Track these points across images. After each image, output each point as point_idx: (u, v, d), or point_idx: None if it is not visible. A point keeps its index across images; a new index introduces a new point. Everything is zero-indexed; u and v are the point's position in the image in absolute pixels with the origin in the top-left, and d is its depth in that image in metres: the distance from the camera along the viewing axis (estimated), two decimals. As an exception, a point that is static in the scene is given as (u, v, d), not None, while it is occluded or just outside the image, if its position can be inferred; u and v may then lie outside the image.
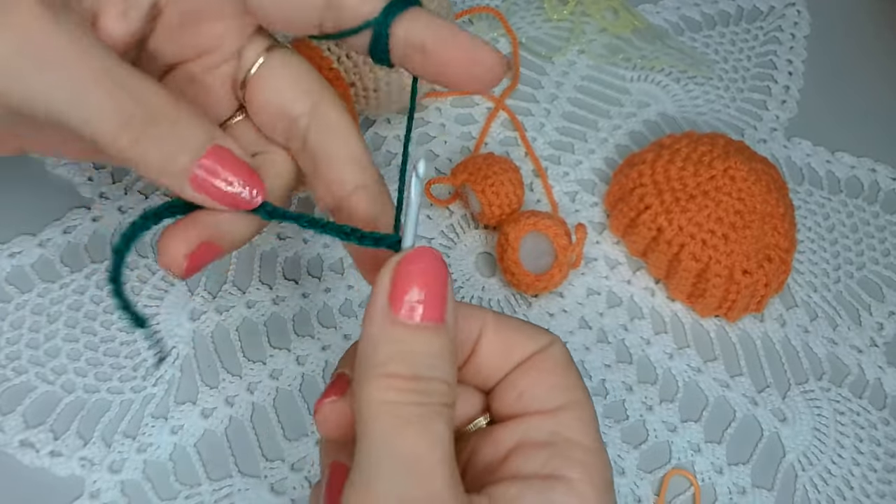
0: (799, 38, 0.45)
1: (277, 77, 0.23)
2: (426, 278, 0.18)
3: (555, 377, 0.20)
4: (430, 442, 0.17)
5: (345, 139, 0.23)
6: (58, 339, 0.31)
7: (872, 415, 0.34)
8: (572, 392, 0.20)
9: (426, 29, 0.21)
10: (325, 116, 0.23)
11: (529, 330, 0.21)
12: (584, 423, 0.19)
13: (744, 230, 0.33)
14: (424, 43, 0.21)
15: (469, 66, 0.21)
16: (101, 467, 0.29)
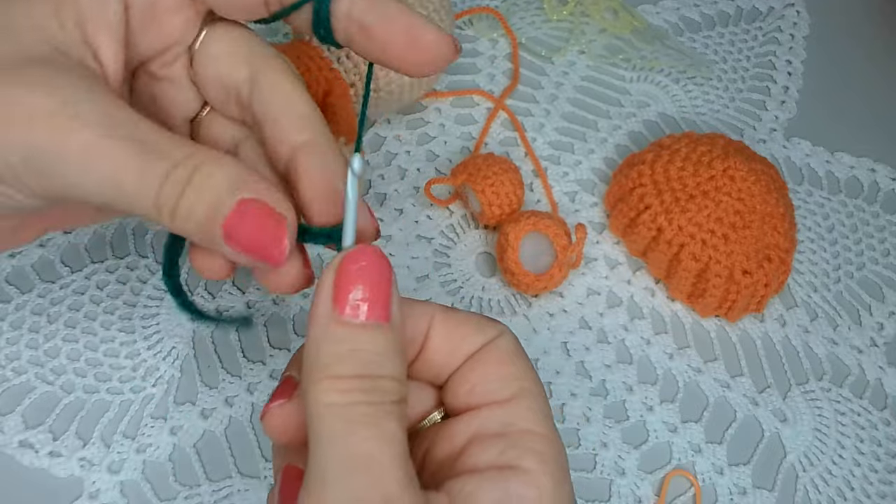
0: (798, 39, 0.45)
1: (216, 50, 0.23)
2: (369, 276, 0.18)
3: (504, 368, 0.20)
4: (382, 441, 0.17)
5: (286, 98, 0.22)
6: (57, 339, 0.31)
7: (873, 415, 0.34)
8: (522, 381, 0.20)
9: (369, 7, 0.21)
10: (266, 80, 0.22)
11: (477, 321, 0.21)
12: (535, 412, 0.19)
13: (744, 230, 0.33)
14: (364, 20, 0.21)
15: (411, 46, 0.20)
16: (101, 468, 0.28)
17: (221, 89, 0.23)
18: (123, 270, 0.33)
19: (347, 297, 0.18)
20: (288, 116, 0.22)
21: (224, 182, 0.19)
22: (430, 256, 0.35)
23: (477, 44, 0.42)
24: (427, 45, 0.21)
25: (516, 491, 0.18)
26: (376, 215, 0.35)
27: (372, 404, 0.17)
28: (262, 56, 0.23)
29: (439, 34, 0.21)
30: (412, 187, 0.37)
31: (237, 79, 0.23)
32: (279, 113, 0.22)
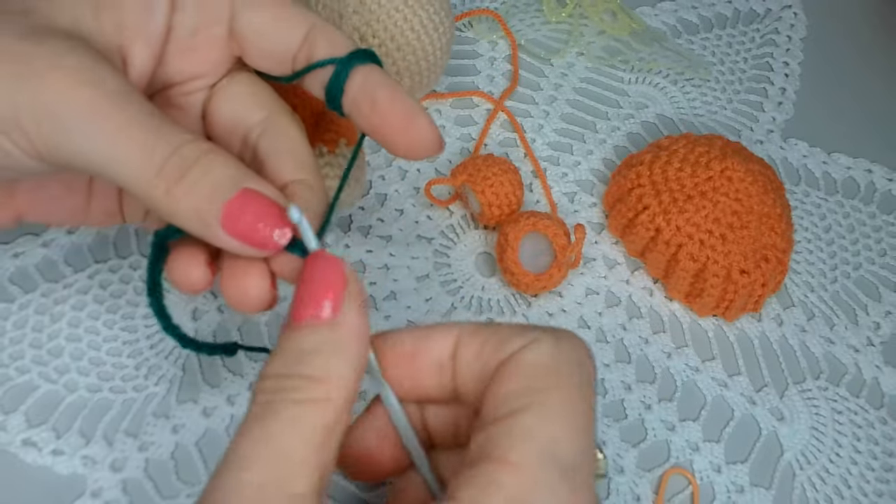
0: (795, 41, 0.46)
1: (237, 92, 0.24)
2: (309, 278, 0.19)
3: (514, 382, 0.19)
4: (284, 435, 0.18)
5: (292, 143, 0.24)
6: (61, 338, 0.31)
7: (870, 414, 0.34)
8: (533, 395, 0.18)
9: (380, 84, 0.23)
10: (277, 124, 0.24)
11: (506, 332, 0.20)
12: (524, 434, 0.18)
13: (741, 230, 0.33)
14: (376, 95, 0.22)
15: (406, 129, 0.22)
16: (103, 466, 0.29)
17: (231, 127, 0.24)
18: (126, 270, 0.33)
19: (294, 302, 0.19)
20: (290, 157, 0.23)
21: (230, 169, 0.20)
22: (430, 256, 0.35)
23: (476, 46, 0.42)
24: (420, 130, 0.22)
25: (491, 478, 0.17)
26: (377, 216, 0.36)
27: (289, 402, 0.18)
28: (277, 107, 0.25)
29: (432, 126, 0.23)
30: (412, 188, 0.37)
31: (251, 120, 0.24)
32: (284, 152, 0.23)
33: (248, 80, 0.25)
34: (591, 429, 0.19)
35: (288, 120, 0.24)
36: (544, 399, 0.18)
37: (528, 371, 0.19)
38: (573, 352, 0.20)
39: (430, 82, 0.37)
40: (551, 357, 0.19)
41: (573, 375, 0.19)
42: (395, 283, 0.34)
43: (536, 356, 0.19)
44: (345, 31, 0.34)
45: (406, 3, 0.34)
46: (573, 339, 0.20)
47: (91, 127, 0.19)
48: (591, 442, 0.19)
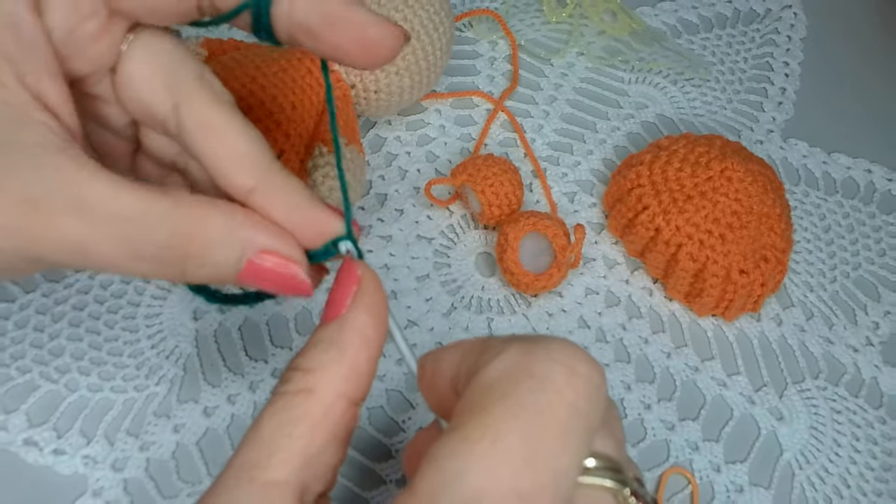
0: (795, 41, 0.46)
1: (136, 72, 0.21)
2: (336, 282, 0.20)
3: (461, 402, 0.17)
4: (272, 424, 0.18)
5: (219, 138, 0.20)
6: (62, 338, 0.31)
7: (869, 413, 0.34)
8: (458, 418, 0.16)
9: (310, 7, 0.20)
10: (191, 118, 0.20)
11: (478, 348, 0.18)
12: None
13: (741, 230, 0.33)
14: (310, 26, 0.20)
15: (360, 48, 0.20)
16: (104, 465, 0.29)
17: (146, 115, 0.21)
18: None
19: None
20: (226, 160, 0.20)
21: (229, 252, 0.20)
22: (431, 256, 0.35)
23: (476, 46, 0.42)
24: (375, 42, 0.20)
25: None
26: (377, 216, 0.36)
27: (280, 393, 0.19)
28: (186, 81, 0.21)
29: (386, 29, 0.20)
30: (412, 188, 0.37)
31: (160, 109, 0.21)
32: (215, 157, 0.20)
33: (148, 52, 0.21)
34: (536, 462, 0.15)
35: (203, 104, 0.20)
36: (469, 422, 0.15)
37: (475, 389, 0.16)
38: (537, 365, 0.16)
39: (430, 82, 0.37)
40: (503, 373, 0.16)
41: (523, 394, 0.16)
42: (395, 283, 0.34)
43: (490, 372, 0.16)
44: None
45: (406, 3, 0.34)
46: (549, 351, 0.16)
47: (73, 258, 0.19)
48: (533, 477, 0.15)
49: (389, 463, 0.30)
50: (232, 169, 0.20)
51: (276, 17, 0.20)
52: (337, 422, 0.19)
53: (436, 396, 0.20)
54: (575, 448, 0.16)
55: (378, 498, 0.29)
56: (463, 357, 0.18)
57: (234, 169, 0.20)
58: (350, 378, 0.19)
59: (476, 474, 0.15)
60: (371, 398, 0.31)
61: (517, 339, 0.17)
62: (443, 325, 0.34)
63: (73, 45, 0.20)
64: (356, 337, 0.19)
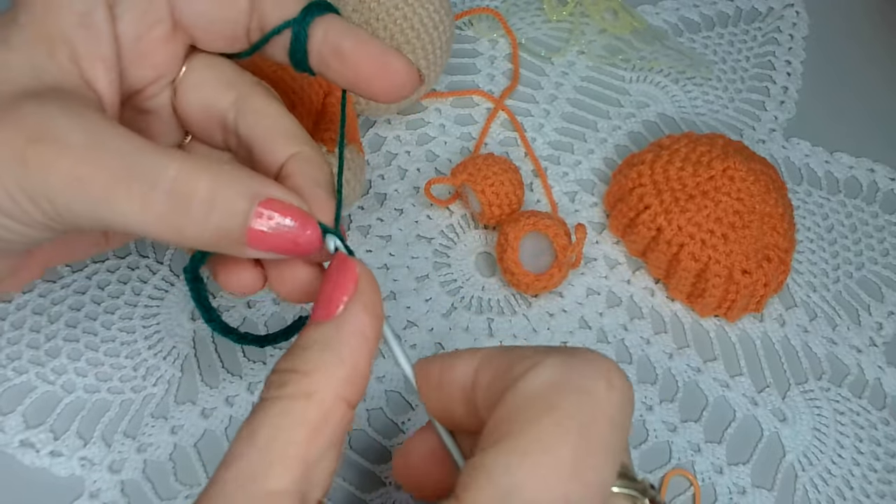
0: (797, 39, 0.45)
1: (199, 79, 0.23)
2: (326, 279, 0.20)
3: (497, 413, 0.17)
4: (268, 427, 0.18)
5: (273, 119, 0.23)
6: (58, 339, 0.31)
7: (872, 415, 0.34)
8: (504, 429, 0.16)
9: (344, 33, 0.22)
10: (250, 104, 0.23)
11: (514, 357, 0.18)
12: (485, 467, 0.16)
13: (743, 230, 0.33)
14: (341, 46, 0.21)
15: (381, 71, 0.21)
16: (102, 467, 0.29)
17: (205, 117, 0.23)
18: (124, 270, 0.33)
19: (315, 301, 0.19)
20: (276, 134, 0.22)
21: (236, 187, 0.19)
22: (430, 256, 0.35)
23: (477, 44, 0.42)
24: (396, 71, 0.22)
25: None
26: (376, 215, 0.36)
27: (275, 398, 0.18)
28: (245, 82, 0.23)
29: (407, 62, 0.22)
30: (412, 187, 0.37)
31: (222, 104, 0.23)
32: (267, 131, 0.22)
33: (206, 64, 0.23)
34: (590, 473, 0.16)
35: (261, 93, 0.23)
36: (519, 434, 0.16)
37: (517, 401, 0.17)
38: (581, 380, 0.17)
39: (430, 81, 0.37)
40: (547, 385, 0.17)
41: (567, 409, 0.16)
42: (394, 283, 0.34)
43: (530, 384, 0.17)
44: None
45: (406, 1, 0.34)
46: (587, 365, 0.17)
47: (81, 196, 0.19)
48: (581, 488, 0.16)
49: (389, 465, 0.30)
50: (277, 141, 0.22)
51: (312, 38, 0.22)
52: (336, 426, 0.18)
53: (441, 402, 0.20)
54: (615, 459, 0.16)
55: (377, 500, 0.29)
56: (483, 366, 0.18)
57: (279, 141, 0.22)
58: (350, 380, 0.19)
59: (531, 487, 0.15)
60: (371, 399, 0.31)
61: (554, 351, 0.18)
62: (442, 325, 0.33)
63: (139, 51, 0.22)
64: (355, 337, 0.19)
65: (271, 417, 0.18)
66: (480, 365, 0.19)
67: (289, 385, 0.18)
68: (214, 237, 0.19)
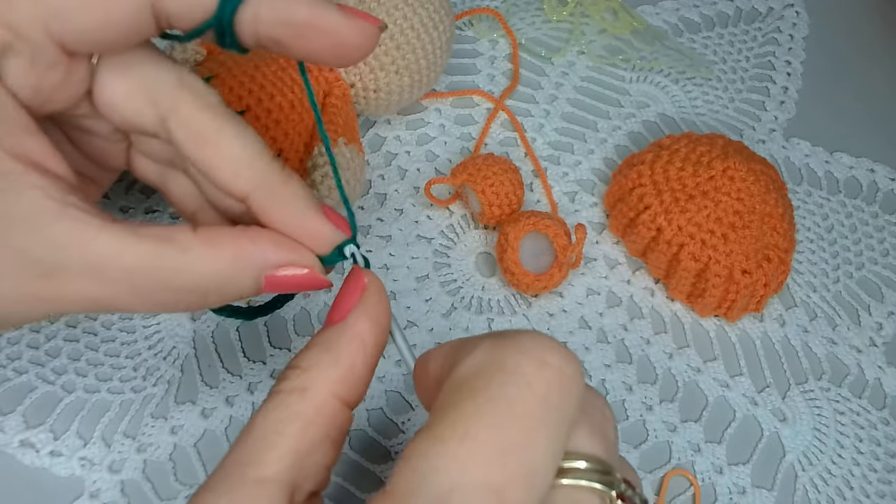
0: (797, 40, 0.45)
1: (113, 94, 0.20)
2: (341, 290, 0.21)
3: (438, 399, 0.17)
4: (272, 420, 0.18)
5: (209, 143, 0.20)
6: (58, 339, 0.31)
7: (872, 415, 0.34)
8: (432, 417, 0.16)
9: (276, 19, 0.19)
10: (178, 127, 0.20)
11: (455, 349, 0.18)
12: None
13: (743, 230, 0.33)
14: (278, 38, 0.19)
15: (336, 50, 0.20)
16: (101, 467, 0.28)
17: (135, 129, 0.21)
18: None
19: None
20: (221, 167, 0.20)
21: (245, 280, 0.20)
22: (430, 256, 0.35)
23: (477, 44, 0.42)
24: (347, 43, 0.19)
25: None
26: (376, 215, 0.36)
27: (274, 392, 0.19)
28: (167, 90, 0.20)
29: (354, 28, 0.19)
30: (412, 187, 0.37)
31: (148, 124, 0.20)
32: (210, 166, 0.20)
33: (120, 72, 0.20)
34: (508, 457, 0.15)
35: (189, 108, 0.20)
36: (439, 421, 0.15)
37: (448, 388, 0.16)
38: (506, 360, 0.16)
39: (429, 81, 0.37)
40: (474, 369, 0.16)
41: (492, 389, 0.15)
42: (394, 283, 0.34)
43: (461, 370, 0.16)
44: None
45: (406, 1, 0.34)
46: (518, 343, 0.16)
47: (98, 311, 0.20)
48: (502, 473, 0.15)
49: (388, 465, 0.30)
50: (228, 176, 0.20)
51: (240, 30, 0.19)
52: (329, 422, 0.19)
53: (427, 397, 0.20)
54: (548, 439, 0.15)
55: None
56: (445, 357, 0.18)
57: (230, 176, 0.20)
58: (345, 380, 0.19)
59: (447, 471, 0.14)
60: (370, 399, 0.31)
61: (489, 336, 0.17)
62: (443, 325, 0.33)
63: (42, 97, 0.19)
64: (354, 341, 0.20)
65: (268, 410, 0.19)
66: (444, 356, 0.18)
67: (288, 380, 0.19)
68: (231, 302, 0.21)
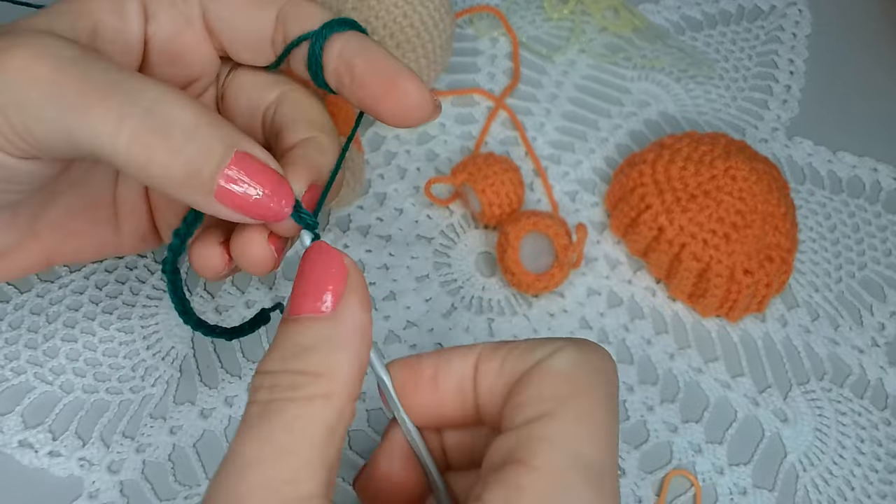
0: (800, 38, 0.45)
1: (246, 80, 0.25)
2: (307, 271, 0.19)
3: (531, 390, 0.19)
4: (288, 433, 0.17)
5: (302, 107, 0.23)
6: (56, 339, 0.31)
7: (874, 415, 0.34)
8: (553, 403, 0.18)
9: (357, 50, 0.22)
10: (290, 98, 0.24)
11: (528, 347, 0.20)
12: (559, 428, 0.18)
13: (745, 230, 0.33)
14: (354, 62, 0.21)
15: (390, 94, 0.21)
16: (100, 468, 0.28)
17: (249, 114, 0.24)
18: (122, 270, 0.32)
19: (293, 296, 0.19)
20: (299, 119, 0.23)
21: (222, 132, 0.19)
22: (430, 256, 0.35)
23: (477, 43, 0.42)
24: (406, 93, 0.21)
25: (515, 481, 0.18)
26: (376, 215, 0.35)
27: (287, 400, 0.18)
28: (287, 81, 0.25)
29: (419, 86, 0.21)
30: (412, 187, 0.37)
31: (266, 101, 0.24)
32: (292, 117, 0.23)
33: (250, 69, 0.25)
34: (615, 438, 0.19)
35: (300, 89, 0.24)
36: (568, 405, 0.18)
37: (552, 379, 0.19)
38: (597, 361, 0.20)
39: (430, 80, 0.37)
40: (574, 365, 0.19)
41: (596, 384, 0.19)
42: (394, 283, 0.34)
43: (559, 364, 0.19)
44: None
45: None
46: (597, 349, 0.20)
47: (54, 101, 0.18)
48: (614, 451, 0.19)
49: (388, 465, 0.30)
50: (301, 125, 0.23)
51: (328, 52, 0.22)
52: (347, 425, 0.18)
53: (435, 399, 0.20)
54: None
55: None
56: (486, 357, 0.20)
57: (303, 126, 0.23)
58: (359, 378, 0.19)
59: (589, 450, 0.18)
60: (371, 400, 0.31)
61: (564, 339, 0.20)
62: (443, 325, 0.33)
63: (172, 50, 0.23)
64: (358, 335, 0.19)
65: (292, 420, 0.17)
66: (482, 357, 0.20)
67: (304, 387, 0.18)
68: (183, 173, 0.18)
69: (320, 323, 0.18)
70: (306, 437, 0.17)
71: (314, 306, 0.18)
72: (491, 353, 0.20)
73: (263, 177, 0.19)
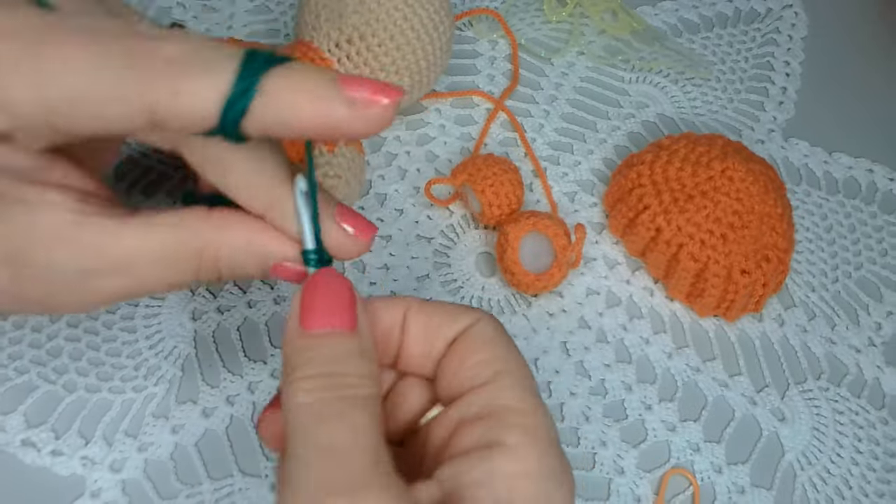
0: (796, 40, 0.45)
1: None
2: (327, 293, 0.20)
3: (480, 352, 0.21)
4: (348, 431, 0.18)
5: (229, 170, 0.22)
6: (60, 338, 0.31)
7: (871, 414, 0.34)
8: (499, 363, 0.21)
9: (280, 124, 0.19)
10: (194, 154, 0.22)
11: (452, 310, 0.22)
12: (515, 389, 0.20)
13: (742, 230, 0.33)
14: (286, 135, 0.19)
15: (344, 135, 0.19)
16: (103, 466, 0.29)
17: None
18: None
19: (310, 313, 0.20)
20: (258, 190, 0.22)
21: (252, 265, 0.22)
22: (430, 256, 0.35)
23: (477, 45, 0.42)
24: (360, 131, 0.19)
25: (500, 467, 0.18)
26: (377, 215, 0.36)
27: (338, 399, 0.19)
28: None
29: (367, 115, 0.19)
30: (412, 187, 0.37)
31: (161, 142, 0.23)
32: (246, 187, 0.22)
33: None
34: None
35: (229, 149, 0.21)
36: (509, 369, 0.20)
37: (489, 343, 0.21)
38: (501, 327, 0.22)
39: (430, 81, 0.37)
40: (497, 331, 0.21)
41: (514, 346, 0.21)
42: (394, 283, 0.34)
43: (489, 331, 0.21)
44: (344, 30, 0.34)
45: (406, 2, 0.34)
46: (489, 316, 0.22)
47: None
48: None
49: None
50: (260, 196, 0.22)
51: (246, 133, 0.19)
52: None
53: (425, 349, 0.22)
54: None
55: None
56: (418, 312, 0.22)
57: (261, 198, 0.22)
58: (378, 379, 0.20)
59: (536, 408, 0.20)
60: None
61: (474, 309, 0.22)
62: (443, 325, 0.33)
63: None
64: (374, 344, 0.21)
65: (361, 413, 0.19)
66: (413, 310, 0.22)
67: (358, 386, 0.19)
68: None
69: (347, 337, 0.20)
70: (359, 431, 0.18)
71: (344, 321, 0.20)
72: (418, 312, 0.22)
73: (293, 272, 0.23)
